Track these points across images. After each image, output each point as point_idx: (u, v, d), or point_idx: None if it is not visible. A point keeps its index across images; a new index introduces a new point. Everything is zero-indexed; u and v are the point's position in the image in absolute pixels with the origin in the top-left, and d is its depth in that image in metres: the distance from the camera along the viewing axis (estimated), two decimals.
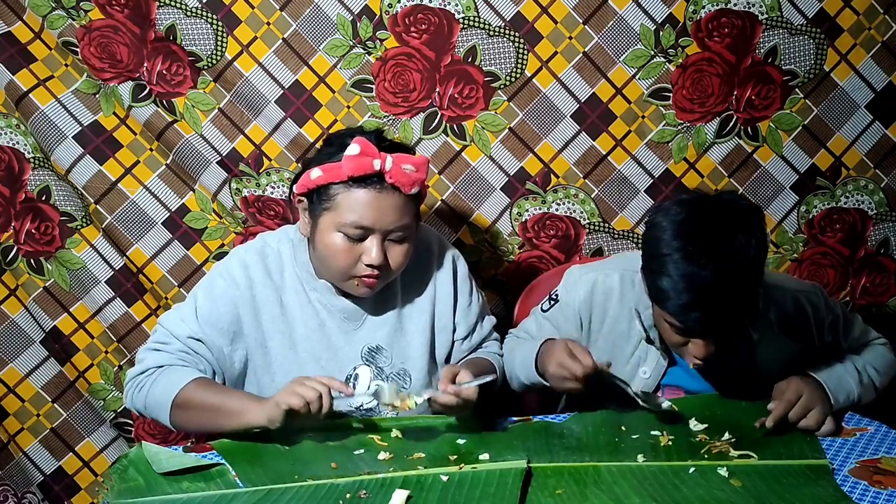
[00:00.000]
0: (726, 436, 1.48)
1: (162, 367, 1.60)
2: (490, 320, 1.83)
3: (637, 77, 2.05)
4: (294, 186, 1.62)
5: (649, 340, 1.65)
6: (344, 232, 1.54)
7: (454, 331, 1.76)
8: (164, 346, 1.63)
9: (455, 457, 1.42)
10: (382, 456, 1.44)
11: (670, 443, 1.48)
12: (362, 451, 1.46)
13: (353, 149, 1.52)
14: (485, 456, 1.42)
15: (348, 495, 1.31)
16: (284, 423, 1.44)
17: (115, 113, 2.06)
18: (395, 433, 1.52)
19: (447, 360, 1.76)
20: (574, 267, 1.78)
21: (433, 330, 1.72)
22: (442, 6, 2.00)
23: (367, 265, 1.55)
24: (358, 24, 2.00)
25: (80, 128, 2.05)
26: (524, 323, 1.84)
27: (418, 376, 1.69)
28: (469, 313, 1.77)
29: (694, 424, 1.52)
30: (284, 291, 1.65)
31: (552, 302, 1.77)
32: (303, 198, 1.60)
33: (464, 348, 1.77)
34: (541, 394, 1.76)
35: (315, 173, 1.55)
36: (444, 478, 1.35)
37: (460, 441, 1.49)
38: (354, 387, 1.66)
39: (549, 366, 1.56)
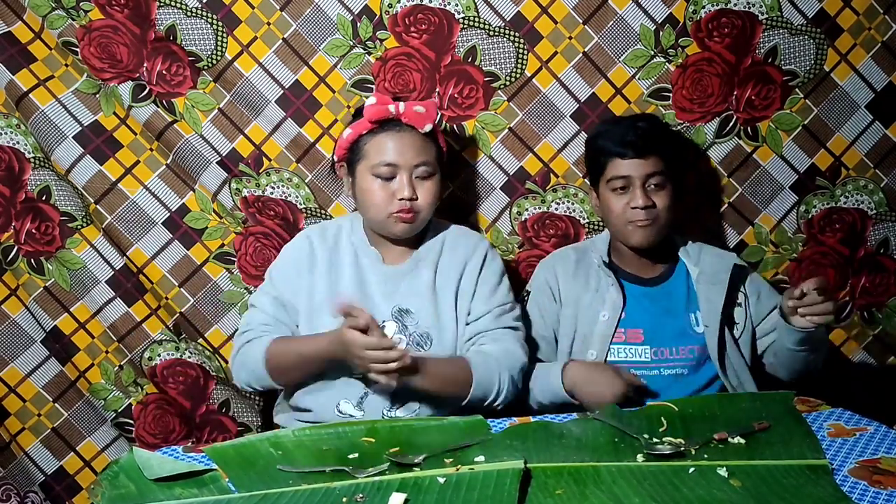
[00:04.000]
0: (737, 440, 1.48)
1: (249, 341, 1.84)
2: (504, 320, 1.88)
3: (637, 77, 2.05)
4: (334, 158, 1.92)
5: (605, 263, 1.93)
6: (375, 174, 1.81)
7: (469, 314, 1.89)
8: (247, 326, 1.88)
9: (451, 459, 1.42)
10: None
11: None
12: (356, 454, 1.46)
13: (370, 100, 1.84)
14: (480, 458, 1.42)
15: (345, 499, 1.30)
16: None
17: (115, 113, 2.06)
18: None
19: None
20: None
21: (457, 310, 1.88)
22: (442, 6, 2.00)
23: (400, 199, 1.80)
24: (358, 24, 2.01)
25: (80, 128, 2.05)
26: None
27: (437, 342, 1.85)
28: (488, 302, 1.88)
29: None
30: (337, 252, 1.90)
31: (525, 298, 2.01)
32: (342, 162, 1.89)
33: (467, 330, 1.88)
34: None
35: (346, 132, 1.86)
36: (442, 480, 1.34)
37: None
38: None
39: (588, 390, 1.80)
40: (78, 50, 2.01)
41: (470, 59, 2.03)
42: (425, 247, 1.91)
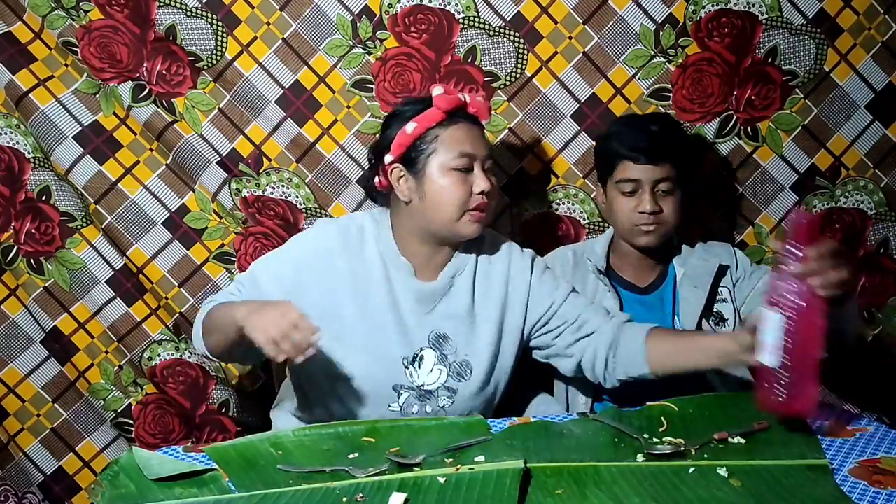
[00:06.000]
0: (737, 440, 1.48)
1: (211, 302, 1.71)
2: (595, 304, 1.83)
3: (637, 77, 2.05)
4: (385, 158, 1.70)
5: (599, 272, 1.90)
6: (454, 167, 1.66)
7: (524, 336, 1.77)
8: (212, 299, 1.72)
9: (451, 459, 1.42)
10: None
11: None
12: (357, 454, 1.46)
13: (437, 90, 1.69)
14: (480, 458, 1.42)
15: (345, 499, 1.30)
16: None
17: (115, 113, 2.06)
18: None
19: (515, 365, 1.78)
20: None
21: (501, 330, 1.76)
22: (442, 6, 2.00)
23: (479, 193, 1.67)
24: (358, 24, 2.01)
25: (80, 128, 2.05)
26: None
27: (479, 371, 1.73)
28: (556, 292, 1.77)
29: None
30: (363, 263, 1.72)
31: None
32: (396, 164, 1.70)
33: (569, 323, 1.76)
34: None
35: (410, 127, 1.68)
36: (442, 479, 1.34)
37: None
38: (419, 367, 1.72)
39: None
40: (78, 50, 2.01)
41: (470, 59, 2.03)
42: (459, 258, 1.75)
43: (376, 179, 1.77)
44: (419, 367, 1.72)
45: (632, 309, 1.89)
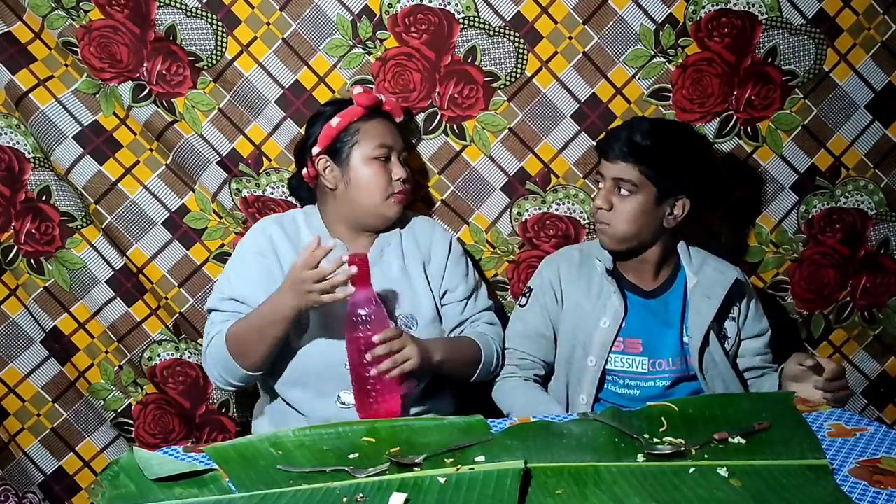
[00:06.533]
0: (738, 439, 1.48)
1: (212, 338, 1.82)
2: (482, 301, 2.00)
3: (637, 77, 2.05)
4: (313, 150, 1.88)
5: (608, 271, 1.90)
6: (375, 156, 1.86)
7: (444, 294, 1.95)
8: (208, 331, 1.84)
9: (451, 459, 1.42)
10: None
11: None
12: (357, 454, 1.46)
13: (357, 90, 1.89)
14: (480, 458, 1.42)
15: (345, 499, 1.30)
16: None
17: (115, 113, 2.06)
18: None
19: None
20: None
21: (430, 285, 1.93)
22: (442, 6, 2.00)
23: (398, 180, 1.87)
24: (358, 24, 2.01)
25: (80, 128, 2.05)
26: (511, 329, 1.99)
27: (424, 320, 1.89)
28: (466, 285, 1.97)
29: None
30: (300, 243, 1.88)
31: (527, 295, 1.98)
32: (323, 154, 1.87)
33: (458, 311, 1.95)
34: None
35: (335, 121, 1.86)
36: (442, 480, 1.34)
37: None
38: None
39: None
40: (78, 50, 2.01)
41: (470, 59, 2.03)
42: (383, 236, 1.92)
43: (304, 171, 1.92)
44: None
45: (636, 311, 1.89)
